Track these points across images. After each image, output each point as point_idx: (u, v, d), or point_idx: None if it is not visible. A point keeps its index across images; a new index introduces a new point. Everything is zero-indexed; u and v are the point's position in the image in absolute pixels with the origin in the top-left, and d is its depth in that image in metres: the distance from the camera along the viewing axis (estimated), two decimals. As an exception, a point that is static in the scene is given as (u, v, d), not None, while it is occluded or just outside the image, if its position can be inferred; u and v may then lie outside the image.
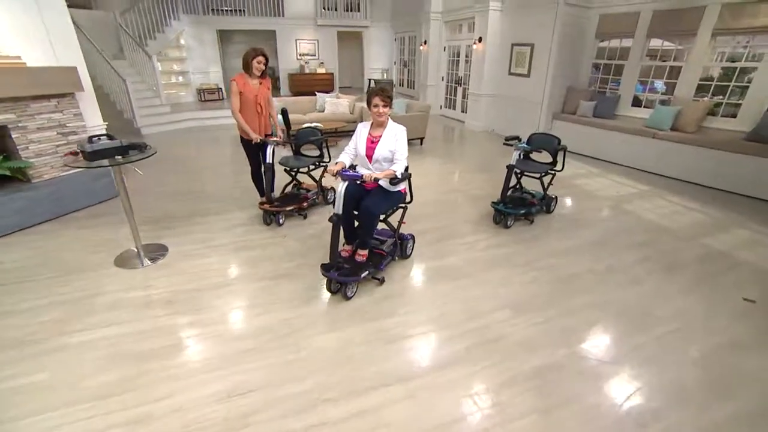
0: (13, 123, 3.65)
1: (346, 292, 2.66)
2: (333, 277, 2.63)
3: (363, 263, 2.78)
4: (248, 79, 3.55)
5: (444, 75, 9.77)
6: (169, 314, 2.51)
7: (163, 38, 9.60)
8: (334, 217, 2.56)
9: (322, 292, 2.76)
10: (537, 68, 6.76)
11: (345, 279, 2.62)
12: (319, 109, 7.62)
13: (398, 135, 2.71)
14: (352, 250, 2.88)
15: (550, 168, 3.89)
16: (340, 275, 2.62)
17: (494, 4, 7.16)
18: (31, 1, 3.70)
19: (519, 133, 4.48)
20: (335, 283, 2.69)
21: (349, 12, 12.28)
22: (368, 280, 2.86)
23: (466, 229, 3.77)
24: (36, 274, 2.92)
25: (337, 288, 2.72)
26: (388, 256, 2.93)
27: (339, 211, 2.57)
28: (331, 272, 2.62)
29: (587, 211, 4.29)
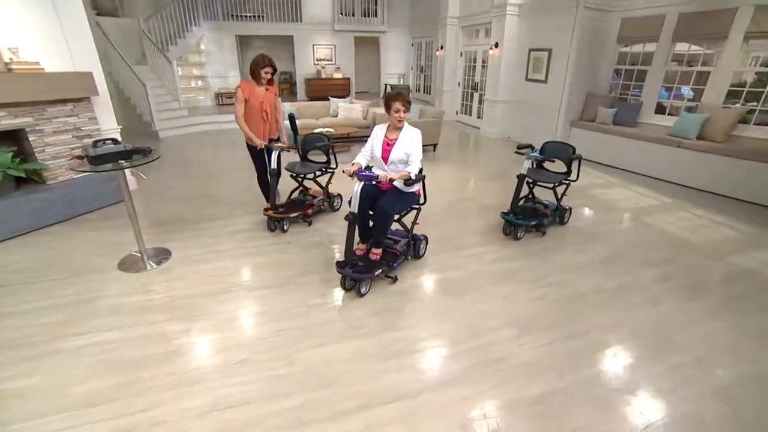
0: (30, 126, 3.76)
1: (360, 289, 2.72)
2: (347, 274, 2.69)
3: (377, 262, 2.84)
4: (255, 86, 3.54)
5: (460, 80, 9.64)
6: (166, 321, 2.49)
7: (183, 43, 9.84)
8: (350, 215, 2.64)
9: (320, 303, 2.69)
10: (555, 74, 6.57)
11: (359, 276, 2.68)
12: (333, 114, 7.62)
13: (413, 138, 2.77)
14: (366, 249, 2.95)
15: (564, 178, 3.72)
16: (354, 272, 2.68)
17: (511, 8, 7.01)
18: (51, 11, 3.82)
19: (536, 141, 4.35)
20: (349, 280, 2.76)
21: (367, 17, 12.31)
22: (381, 278, 2.92)
23: (475, 240, 3.64)
24: (41, 276, 2.96)
25: (351, 285, 2.78)
26: (401, 256, 3.00)
27: (355, 210, 2.65)
28: (346, 269, 2.69)
29: (604, 223, 4.09)
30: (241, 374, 2.09)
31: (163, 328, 2.43)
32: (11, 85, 3.49)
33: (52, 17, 3.84)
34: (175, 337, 2.35)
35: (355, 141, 7.39)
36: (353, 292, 2.77)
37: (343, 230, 3.77)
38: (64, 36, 3.92)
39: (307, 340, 2.35)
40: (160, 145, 7.52)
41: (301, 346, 2.30)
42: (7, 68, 3.50)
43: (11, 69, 3.52)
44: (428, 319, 2.55)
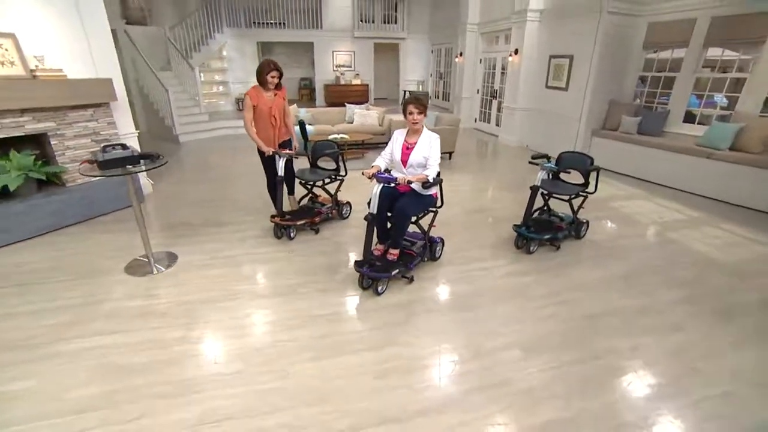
0: (52, 130, 3.89)
1: (377, 287, 2.81)
2: (365, 273, 2.77)
3: (394, 262, 2.91)
4: (262, 92, 3.54)
5: (479, 87, 9.50)
6: (165, 327, 2.48)
7: (206, 50, 10.12)
8: (369, 216, 2.72)
9: (320, 314, 2.63)
10: (576, 81, 6.36)
11: (376, 275, 2.77)
12: (348, 121, 7.62)
13: (432, 142, 2.85)
14: (384, 249, 3.02)
15: (581, 190, 3.55)
16: (372, 271, 2.76)
17: (532, 14, 6.86)
18: (78, 21, 3.96)
19: (555, 150, 4.17)
20: (367, 279, 2.84)
21: (387, 24, 12.35)
22: (398, 278, 2.97)
23: (485, 253, 3.51)
24: (51, 277, 3.03)
25: (369, 284, 2.86)
26: (418, 257, 3.06)
27: (374, 210, 2.74)
28: (364, 268, 2.76)
29: (623, 238, 3.87)
30: (233, 386, 2.05)
31: (162, 334, 2.42)
32: (36, 92, 3.62)
33: (78, 27, 3.98)
34: (173, 344, 2.34)
35: (371, 147, 7.36)
36: (370, 290, 2.85)
37: (350, 238, 3.75)
38: (88, 44, 4.06)
39: (303, 353, 2.29)
40: (180, 149, 7.71)
41: (296, 358, 2.25)
42: (32, 75, 3.64)
43: (36, 76, 3.65)
44: (430, 335, 2.45)
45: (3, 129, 3.56)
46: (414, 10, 12.28)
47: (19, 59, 3.55)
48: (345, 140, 6.53)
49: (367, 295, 2.85)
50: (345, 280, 3.06)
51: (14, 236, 3.57)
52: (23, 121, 3.67)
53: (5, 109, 3.51)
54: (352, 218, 4.21)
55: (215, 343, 2.37)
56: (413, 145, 2.87)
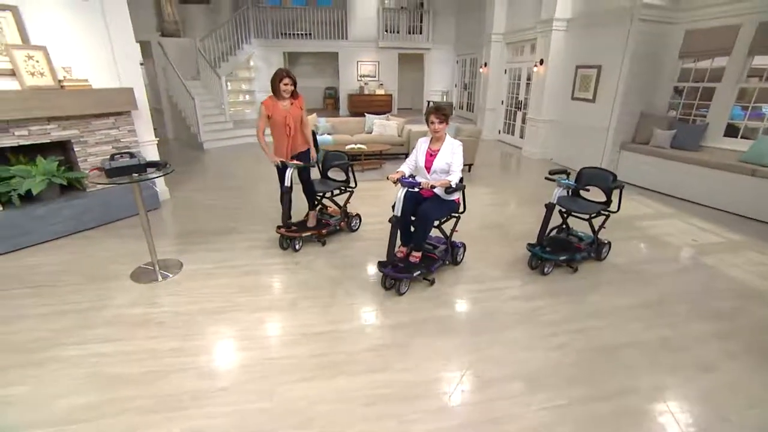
0: (76, 138, 4.04)
1: (400, 288, 2.92)
2: (388, 273, 2.89)
3: (416, 264, 3.02)
4: (278, 101, 3.52)
5: (504, 99, 9.29)
6: (160, 337, 2.47)
7: (234, 60, 10.44)
8: (393, 218, 2.84)
9: (317, 332, 2.54)
10: (604, 93, 6.07)
11: (398, 275, 2.88)
12: (368, 131, 7.60)
13: (455, 149, 2.94)
14: (407, 252, 3.11)
15: (603, 208, 3.32)
16: (394, 272, 2.87)
17: (558, 24, 6.63)
18: (105, 35, 4.13)
19: (580, 164, 3.92)
20: (390, 279, 2.95)
21: (411, 34, 12.36)
22: (419, 280, 3.08)
23: (497, 272, 3.33)
24: (62, 280, 3.10)
25: (392, 284, 2.97)
26: (439, 260, 3.16)
27: (398, 213, 2.86)
28: (387, 269, 2.88)
29: (650, 261, 3.58)
30: (217, 404, 1.98)
31: (157, 344, 2.40)
32: (62, 101, 3.78)
33: (105, 39, 4.15)
34: (165, 355, 2.31)
35: (389, 158, 7.29)
36: (393, 291, 2.96)
37: (358, 252, 3.66)
38: (113, 55, 4.22)
39: (294, 372, 2.20)
40: (203, 155, 7.92)
41: (286, 378, 2.16)
42: (60, 85, 3.80)
43: (63, 86, 3.82)
44: (427, 360, 2.30)
45: (31, 136, 3.73)
46: (439, 21, 12.23)
47: (48, 70, 3.72)
48: (362, 150, 6.50)
49: (367, 313, 2.74)
50: (347, 295, 2.96)
51: (35, 238, 3.71)
52: (49, 129, 3.83)
53: (34, 117, 3.68)
54: (361, 231, 4.12)
55: (207, 356, 2.32)
56: (436, 152, 2.97)
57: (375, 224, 4.26)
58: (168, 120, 9.57)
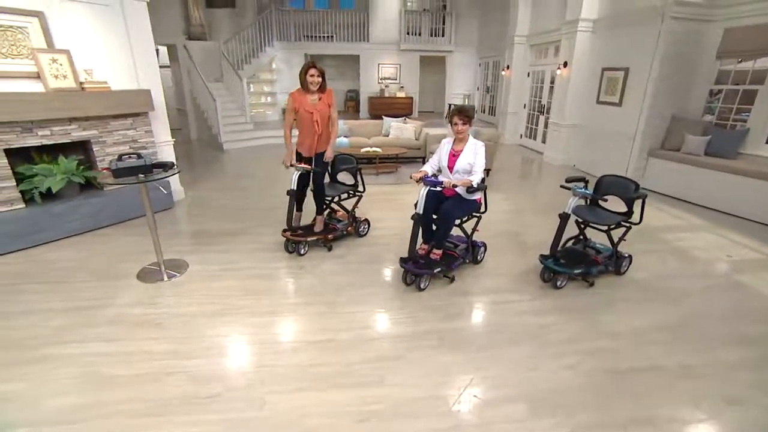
0: (95, 138, 4.16)
1: (420, 283, 3.01)
2: (409, 269, 2.99)
3: (437, 261, 3.10)
4: (306, 95, 3.37)
5: (526, 102, 9.02)
6: (157, 338, 2.46)
7: (257, 62, 10.63)
8: (415, 215, 2.93)
9: (315, 340, 2.48)
10: (631, 96, 5.76)
11: (419, 271, 2.97)
12: (385, 134, 7.53)
13: (477, 150, 3.00)
14: (428, 249, 3.16)
15: (623, 219, 3.11)
16: (416, 267, 2.97)
17: (584, 24, 6.36)
18: (124, 37, 4.24)
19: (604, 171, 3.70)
20: (410, 275, 3.05)
21: (434, 37, 12.23)
22: (439, 277, 3.17)
23: (506, 284, 3.18)
24: (73, 277, 3.18)
25: (412, 280, 3.06)
26: (460, 259, 3.24)
27: (420, 211, 2.95)
28: (408, 264, 2.98)
29: (675, 277, 3.33)
30: (205, 411, 1.95)
31: (153, 346, 2.40)
32: (83, 102, 3.91)
33: (125, 43, 4.26)
34: (160, 357, 2.30)
35: (404, 162, 7.20)
36: (413, 286, 3.05)
37: (364, 257, 3.58)
38: (132, 58, 4.33)
39: (288, 382, 2.14)
40: (223, 156, 8.06)
41: (279, 387, 2.10)
42: (81, 87, 3.93)
43: (84, 88, 3.94)
44: (424, 377, 2.19)
45: (53, 136, 3.86)
46: (462, 23, 12.05)
47: (71, 72, 3.85)
48: (376, 153, 6.44)
49: (367, 322, 2.66)
50: (349, 302, 2.89)
51: (53, 235, 3.83)
52: (70, 129, 3.96)
53: (56, 118, 3.81)
54: (370, 236, 4.05)
55: (201, 360, 2.29)
56: (459, 153, 3.04)
57: (384, 229, 4.18)
58: (192, 121, 9.83)
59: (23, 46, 3.61)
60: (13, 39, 3.55)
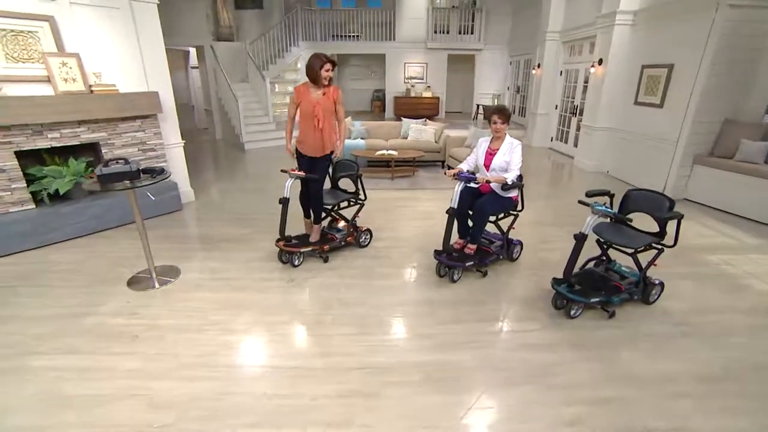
0: (104, 140, 4.20)
1: (453, 275, 3.13)
2: (443, 261, 3.11)
3: (471, 255, 3.19)
4: (312, 88, 3.22)
5: (558, 103, 8.43)
6: (126, 354, 2.35)
7: (282, 62, 10.67)
8: (450, 209, 3.02)
9: (286, 365, 2.28)
10: (674, 96, 5.14)
11: (452, 263, 3.09)
12: (403, 136, 7.26)
13: (514, 148, 3.06)
14: (463, 244, 3.27)
15: (654, 241, 2.68)
16: (449, 260, 3.09)
17: (623, 17, 5.77)
18: (134, 40, 4.24)
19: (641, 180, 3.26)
20: (444, 267, 3.16)
21: (462, 35, 11.78)
22: (472, 272, 3.27)
23: (515, 308, 2.84)
24: (69, 280, 3.17)
25: (445, 272, 3.17)
26: (494, 255, 3.32)
27: (455, 205, 3.05)
28: (442, 257, 3.10)
29: (718, 312, 2.83)
30: (154, 445, 1.79)
31: (121, 362, 2.28)
32: (91, 104, 3.93)
33: (135, 46, 4.26)
34: (124, 376, 2.18)
35: (422, 166, 6.89)
36: (446, 278, 3.17)
37: (361, 271, 3.37)
38: (142, 60, 4.33)
39: (243, 414, 1.95)
40: (243, 156, 8.09)
41: (235, 420, 1.92)
42: (90, 90, 3.96)
43: (93, 91, 3.97)
44: (402, 419, 1.92)
45: (62, 138, 3.91)
46: (492, 20, 11.51)
47: (80, 76, 3.88)
48: (392, 157, 6.18)
49: (345, 348, 2.42)
50: (333, 323, 2.67)
51: (61, 235, 3.88)
52: (79, 131, 4.00)
53: (65, 121, 3.86)
54: (371, 247, 3.80)
55: (163, 383, 2.14)
56: (495, 151, 3.11)
57: (389, 240, 3.93)
58: (217, 121, 10.01)
59: (34, 50, 3.67)
60: (24, 43, 3.61)
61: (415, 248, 3.77)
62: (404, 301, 2.92)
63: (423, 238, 3.99)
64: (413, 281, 3.22)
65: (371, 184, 5.99)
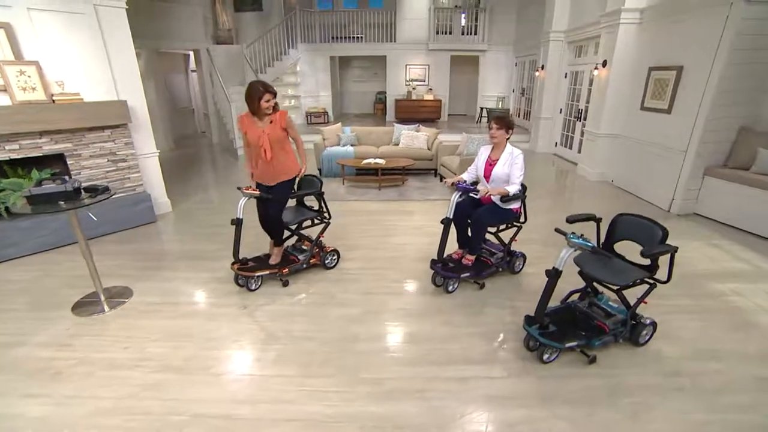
0: (69, 151, 4.04)
1: (448, 286, 3.05)
2: (438, 271, 3.04)
3: (467, 266, 3.11)
4: (255, 118, 3.00)
5: (562, 107, 7.99)
6: (41, 396, 2.13)
7: (280, 65, 10.48)
8: (445, 219, 2.97)
9: (205, 414, 2.01)
10: (684, 100, 4.69)
11: (446, 274, 3.02)
12: (395, 142, 6.95)
13: (514, 159, 2.93)
14: (461, 255, 3.20)
15: (645, 276, 2.32)
16: (443, 270, 3.01)
17: (628, 15, 5.33)
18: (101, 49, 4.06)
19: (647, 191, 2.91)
20: (439, 277, 3.09)
21: (466, 35, 11.38)
22: (470, 282, 3.17)
23: (478, 347, 2.50)
24: (9, 303, 3.03)
25: (441, 282, 3.10)
26: (493, 267, 3.19)
27: (450, 215, 2.99)
28: (437, 266, 3.03)
29: (719, 357, 2.43)
30: None
31: (29, 407, 2.06)
32: (52, 115, 3.76)
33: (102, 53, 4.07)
34: (27, 425, 1.96)
35: (413, 174, 6.58)
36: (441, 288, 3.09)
37: (321, 298, 3.08)
38: (110, 69, 4.15)
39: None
40: (236, 162, 7.92)
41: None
42: (51, 99, 3.79)
43: (54, 100, 3.80)
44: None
45: (22, 149, 3.76)
46: (497, 20, 11.07)
47: (41, 85, 3.72)
48: (378, 166, 5.89)
49: (285, 393, 2.14)
50: (275, 361, 2.40)
51: (20, 251, 3.75)
52: (41, 143, 3.85)
53: (24, 132, 3.70)
54: (338, 268, 3.52)
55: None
56: (495, 161, 3.00)
57: (359, 260, 3.65)
58: (214, 125, 9.89)
59: (-11, 58, 3.52)
60: (-22, 52, 3.47)
61: (388, 270, 3.48)
62: (358, 336, 2.63)
63: (400, 258, 3.69)
64: (374, 311, 2.91)
65: (356, 194, 5.72)
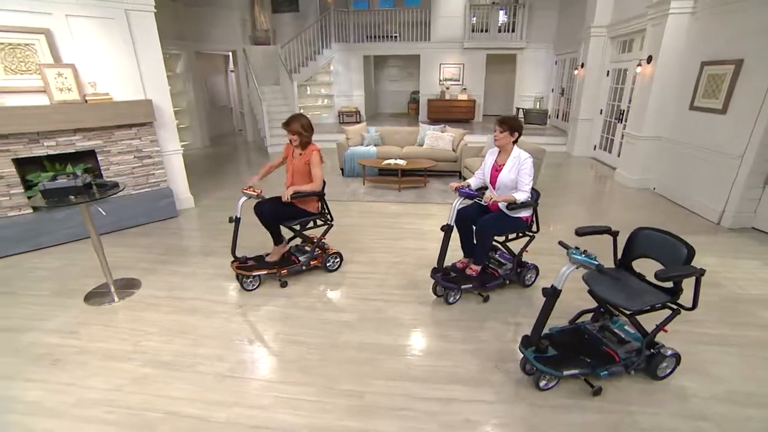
0: (99, 147, 4.29)
1: (448, 297, 2.88)
2: (438, 281, 2.88)
3: (471, 277, 2.93)
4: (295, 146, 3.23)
5: (603, 107, 7.42)
6: (39, 382, 2.24)
7: (314, 65, 10.65)
8: (445, 226, 2.84)
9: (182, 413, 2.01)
10: (741, 99, 4.14)
11: (446, 285, 2.85)
12: (419, 143, 6.78)
13: (521, 164, 2.73)
14: (466, 264, 3.03)
15: (667, 300, 2.03)
16: (443, 280, 2.85)
17: (679, 4, 4.79)
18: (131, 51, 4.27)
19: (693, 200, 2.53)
20: (440, 288, 2.91)
21: (503, 33, 10.92)
22: (473, 294, 2.97)
23: (470, 366, 2.32)
24: (35, 288, 3.23)
25: (442, 292, 2.93)
26: (500, 279, 2.98)
27: (451, 222, 2.84)
28: (437, 276, 2.87)
29: (757, 403, 2.07)
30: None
31: (25, 392, 2.16)
32: (84, 114, 4.02)
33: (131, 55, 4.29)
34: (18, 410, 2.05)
35: (435, 176, 6.37)
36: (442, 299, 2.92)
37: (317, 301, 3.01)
38: (138, 70, 4.36)
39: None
40: (267, 159, 8.09)
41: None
42: (84, 99, 4.04)
43: (87, 100, 4.05)
44: None
45: (58, 146, 4.04)
46: (536, 16, 10.51)
47: (75, 85, 3.97)
48: (398, 167, 5.76)
49: (262, 400, 2.10)
50: (257, 365, 2.36)
51: (52, 239, 4.02)
52: (75, 140, 4.12)
53: (60, 130, 3.97)
54: (341, 272, 3.46)
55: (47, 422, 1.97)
56: (501, 167, 2.82)
57: (364, 264, 3.57)
58: (249, 123, 10.23)
59: (31, 62, 3.79)
60: (22, 56, 3.75)
61: (391, 276, 3.36)
62: (348, 343, 2.53)
63: (405, 263, 3.56)
64: (369, 318, 2.81)
65: (375, 195, 5.63)
